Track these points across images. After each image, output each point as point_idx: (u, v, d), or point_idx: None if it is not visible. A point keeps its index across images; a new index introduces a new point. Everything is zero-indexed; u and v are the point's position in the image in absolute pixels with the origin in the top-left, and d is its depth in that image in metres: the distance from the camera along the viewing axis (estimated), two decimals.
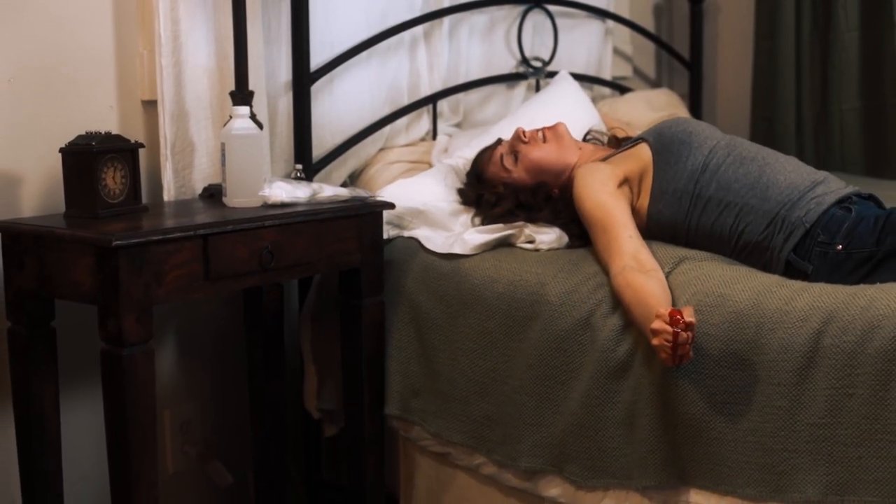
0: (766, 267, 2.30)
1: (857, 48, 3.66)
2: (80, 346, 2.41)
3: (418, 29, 3.08)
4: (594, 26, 3.69)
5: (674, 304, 2.15)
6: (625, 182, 2.48)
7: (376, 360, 2.55)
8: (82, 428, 2.50)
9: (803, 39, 3.77)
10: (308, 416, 2.86)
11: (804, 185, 2.35)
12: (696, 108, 3.97)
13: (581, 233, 2.48)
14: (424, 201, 2.68)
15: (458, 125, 3.25)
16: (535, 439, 2.32)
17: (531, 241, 2.52)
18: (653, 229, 2.45)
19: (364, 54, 2.93)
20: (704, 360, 2.06)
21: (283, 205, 2.37)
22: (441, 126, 3.17)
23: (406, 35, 3.05)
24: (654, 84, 4.08)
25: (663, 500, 2.16)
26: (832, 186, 2.37)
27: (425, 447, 2.58)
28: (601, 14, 3.68)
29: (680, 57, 3.99)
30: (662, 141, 2.52)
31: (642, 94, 3.73)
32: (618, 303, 2.21)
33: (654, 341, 2.00)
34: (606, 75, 3.77)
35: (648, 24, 4.04)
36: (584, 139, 2.86)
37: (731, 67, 4.09)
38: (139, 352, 2.04)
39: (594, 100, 3.65)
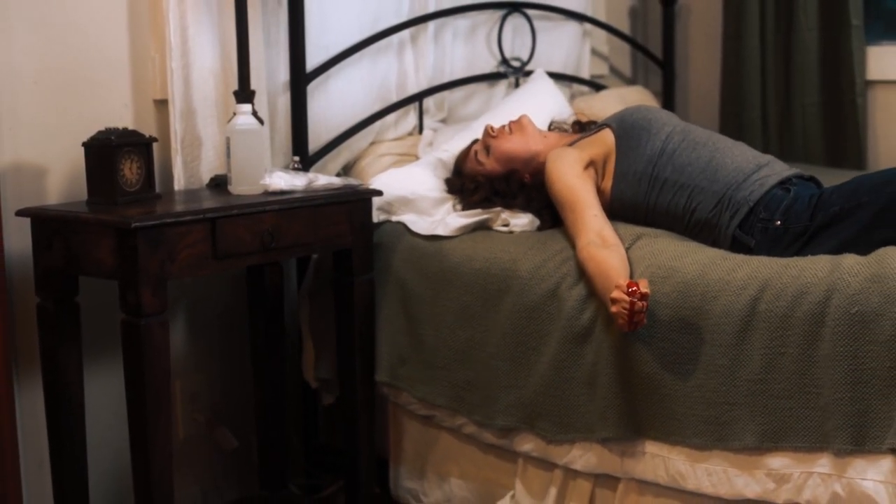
0: (714, 242, 2.50)
1: (816, 47, 3.80)
2: (101, 320, 2.58)
3: (406, 32, 3.22)
4: (572, 28, 3.83)
5: (631, 276, 2.35)
6: (590, 165, 2.68)
7: (367, 333, 2.72)
8: (103, 393, 2.66)
9: (767, 40, 3.90)
10: (307, 386, 3.01)
11: (749, 168, 2.56)
12: (668, 105, 4.11)
13: (552, 218, 2.68)
14: (412, 190, 2.85)
15: (442, 121, 3.39)
16: (509, 400, 2.51)
17: (506, 225, 2.72)
18: (616, 208, 2.66)
19: (356, 56, 3.07)
20: (656, 325, 2.26)
21: (282, 192, 2.53)
22: (427, 122, 3.31)
23: (395, 38, 3.19)
24: (630, 82, 4.21)
25: (622, 451, 2.34)
26: (775, 169, 2.57)
27: (412, 411, 2.76)
28: (578, 17, 3.83)
29: (653, 57, 4.14)
30: (624, 127, 2.72)
31: (617, 91, 3.87)
32: (581, 275, 2.42)
33: (613, 308, 2.20)
34: (584, 74, 3.91)
35: (624, 25, 4.19)
36: (549, 129, 3.06)
37: (702, 66, 4.22)
38: (155, 321, 2.23)
39: (573, 96, 3.82)
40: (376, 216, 2.79)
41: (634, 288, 2.15)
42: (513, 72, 3.56)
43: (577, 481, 2.46)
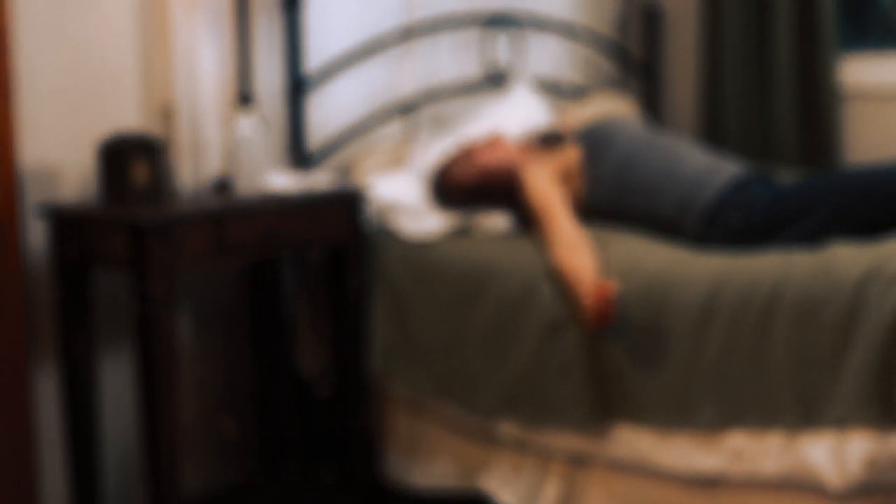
0: (679, 239, 2.71)
1: (792, 58, 3.93)
2: (113, 310, 2.74)
3: (399, 41, 3.39)
4: (558, 38, 3.96)
5: (601, 275, 2.54)
6: (561, 175, 2.89)
7: (360, 326, 2.86)
8: (114, 379, 2.80)
9: (745, 50, 4.03)
10: (308, 376, 3.11)
11: (704, 168, 2.78)
12: (653, 112, 4.26)
13: (527, 219, 2.88)
14: (399, 197, 3.02)
15: (432, 127, 3.51)
16: (490, 389, 2.67)
17: (485, 226, 2.91)
18: (588, 213, 2.86)
19: (352, 63, 3.24)
20: (624, 318, 2.45)
21: (282, 193, 2.68)
22: (417, 127, 3.45)
23: (389, 46, 3.36)
24: (615, 90, 4.34)
25: (594, 434, 2.52)
26: (729, 169, 2.80)
27: (402, 399, 2.91)
28: (565, 28, 3.97)
29: (637, 66, 4.28)
30: (590, 139, 2.95)
31: (601, 99, 3.99)
32: (554, 273, 2.61)
33: (584, 304, 2.42)
34: (570, 82, 4.03)
35: (610, 35, 4.29)
36: (522, 143, 3.20)
37: (684, 75, 4.35)
38: (163, 310, 2.39)
39: (559, 104, 3.97)
40: (368, 219, 2.95)
41: (603, 287, 2.36)
42: (500, 81, 3.70)
43: (554, 462, 2.63)
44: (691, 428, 2.38)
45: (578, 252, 2.59)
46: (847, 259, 2.31)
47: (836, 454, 2.20)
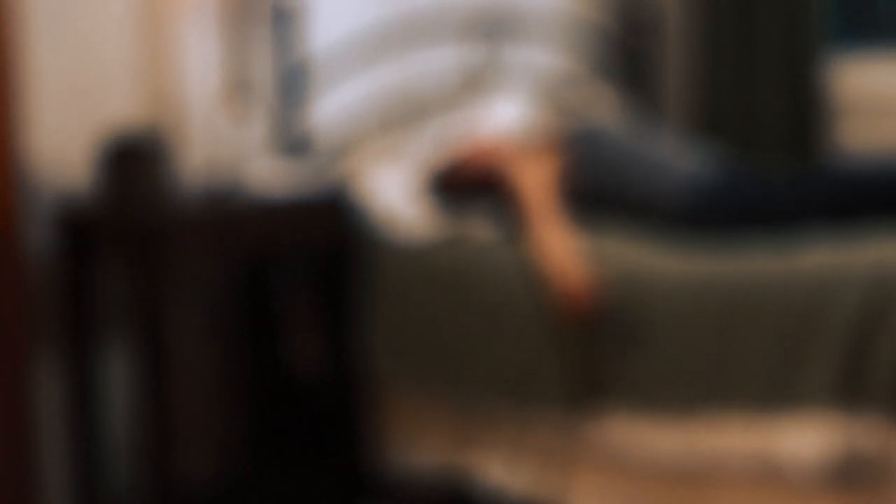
0: (661, 227, 2.88)
1: (779, 55, 4.00)
2: (114, 306, 2.77)
3: (395, 39, 3.45)
4: (552, 37, 4.00)
5: (582, 268, 2.70)
6: (548, 172, 3.01)
7: (356, 324, 2.91)
8: (114, 376, 2.81)
9: (738, 45, 4.09)
10: (300, 373, 3.15)
11: (682, 164, 3.00)
12: (649, 111, 4.28)
13: (515, 217, 2.98)
14: (394, 196, 3.08)
15: (425, 127, 3.50)
16: (482, 377, 2.80)
17: (475, 224, 3.02)
18: (571, 206, 2.98)
19: (350, 61, 3.30)
20: (606, 309, 2.63)
21: (280, 193, 2.73)
22: (411, 127, 3.46)
23: (385, 45, 3.41)
24: (607, 85, 4.39)
25: (582, 418, 2.66)
26: (704, 165, 3.02)
27: (398, 392, 2.98)
28: (559, 23, 4.00)
29: (633, 65, 4.32)
30: (576, 139, 3.10)
31: (592, 95, 3.99)
32: (539, 266, 2.75)
33: (562, 302, 2.61)
34: (563, 78, 4.06)
35: (601, 27, 4.30)
36: (511, 143, 3.28)
37: (677, 70, 4.40)
38: (163, 309, 2.45)
39: (552, 100, 4.01)
40: (362, 220, 3.00)
41: (582, 286, 2.60)
42: (492, 77, 3.73)
43: (542, 448, 2.76)
44: (673, 408, 2.54)
45: (560, 246, 2.73)
46: (820, 256, 2.50)
47: (806, 441, 2.37)
